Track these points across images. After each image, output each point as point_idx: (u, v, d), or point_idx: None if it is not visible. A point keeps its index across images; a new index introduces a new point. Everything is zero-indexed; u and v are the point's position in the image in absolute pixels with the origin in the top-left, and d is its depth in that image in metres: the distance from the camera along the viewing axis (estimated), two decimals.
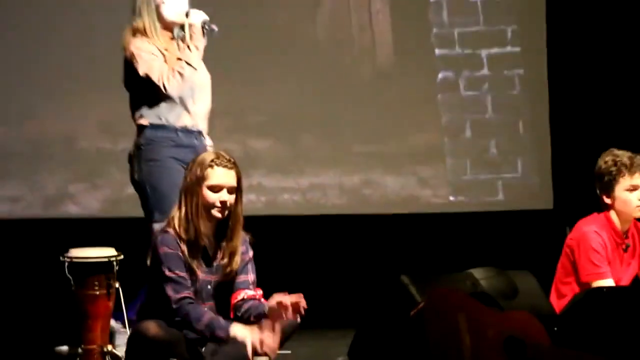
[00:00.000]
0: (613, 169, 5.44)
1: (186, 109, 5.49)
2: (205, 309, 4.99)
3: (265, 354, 4.85)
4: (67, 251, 5.43)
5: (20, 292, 6.78)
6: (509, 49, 7.58)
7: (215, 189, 5.03)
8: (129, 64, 5.47)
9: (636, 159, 5.45)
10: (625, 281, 5.48)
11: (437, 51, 7.51)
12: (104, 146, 7.20)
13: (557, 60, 7.53)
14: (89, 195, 7.15)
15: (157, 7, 5.49)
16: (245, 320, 5.00)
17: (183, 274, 5.01)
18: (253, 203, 7.11)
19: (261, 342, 4.82)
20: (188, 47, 5.45)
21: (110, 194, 7.18)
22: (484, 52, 7.56)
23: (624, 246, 5.51)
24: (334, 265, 6.99)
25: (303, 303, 4.77)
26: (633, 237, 5.56)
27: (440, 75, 7.52)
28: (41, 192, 7.11)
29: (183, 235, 5.02)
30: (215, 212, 5.05)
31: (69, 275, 5.38)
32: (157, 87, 5.41)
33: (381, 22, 7.46)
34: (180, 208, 5.05)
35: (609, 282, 5.32)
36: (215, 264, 5.10)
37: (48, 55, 7.11)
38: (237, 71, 7.19)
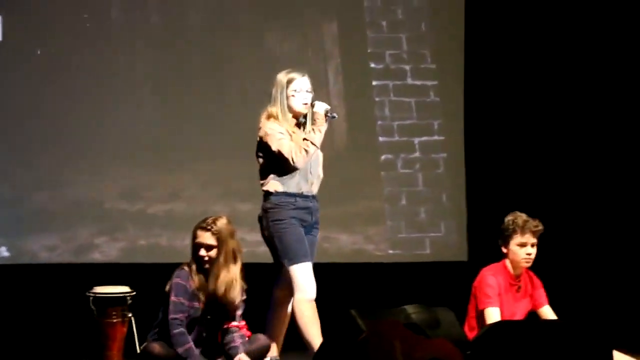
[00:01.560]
0: (510, 227, 5.51)
1: (304, 178, 5.36)
2: (189, 337, 5.01)
3: None
4: (91, 288, 5.40)
5: (54, 320, 6.70)
6: (435, 137, 7.59)
7: (198, 246, 5.08)
8: (262, 141, 5.31)
9: (528, 223, 5.50)
10: (519, 315, 5.51)
11: (380, 139, 7.52)
12: (123, 207, 7.12)
13: (472, 147, 7.58)
14: (110, 246, 7.06)
15: (288, 99, 5.35)
16: (223, 347, 5.10)
17: (184, 300, 5.02)
18: None
19: None
20: (313, 130, 5.32)
21: (126, 245, 7.09)
22: (416, 140, 7.57)
23: (516, 287, 5.54)
24: None
25: None
26: (525, 280, 5.58)
27: (382, 157, 7.53)
28: (73, 243, 7.01)
29: (194, 275, 5.05)
30: (201, 264, 5.09)
31: (92, 307, 5.35)
32: (285, 160, 5.24)
33: (338, 116, 7.48)
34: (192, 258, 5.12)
35: (496, 310, 5.38)
36: (211, 299, 5.11)
37: (78, 136, 7.06)
38: (226, 152, 7.19)
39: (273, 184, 5.34)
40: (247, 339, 5.17)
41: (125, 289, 5.38)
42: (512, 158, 7.52)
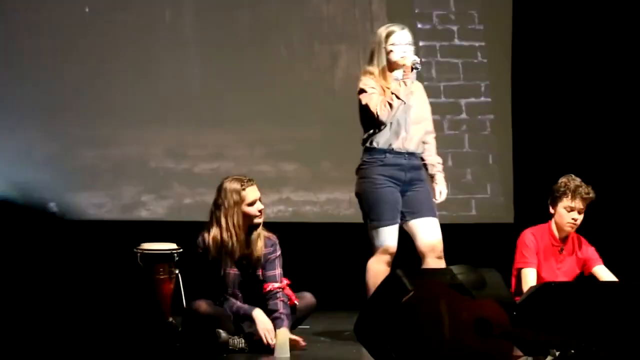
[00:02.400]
0: (562, 189, 5.46)
1: (395, 134, 5.28)
2: (234, 300, 5.02)
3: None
4: (139, 245, 5.42)
5: (103, 275, 6.75)
6: (482, 99, 7.55)
7: (253, 203, 5.02)
8: (358, 98, 5.29)
9: (581, 189, 5.44)
10: (562, 277, 5.46)
11: None
12: (168, 166, 7.16)
13: (519, 109, 7.53)
14: (157, 203, 7.11)
15: (387, 54, 5.27)
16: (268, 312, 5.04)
17: (215, 269, 5.04)
18: (282, 212, 7.09)
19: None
20: (399, 83, 5.22)
21: (172, 203, 7.14)
22: (463, 101, 7.53)
23: (559, 248, 5.49)
24: (344, 260, 6.94)
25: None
26: (570, 243, 5.53)
27: None
28: (120, 200, 7.08)
29: (213, 248, 5.03)
30: (257, 220, 5.05)
31: (140, 263, 5.37)
32: (372, 115, 5.20)
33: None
34: (214, 226, 5.05)
35: (531, 271, 5.39)
36: (243, 262, 5.09)
37: (125, 94, 7.08)
38: (273, 112, 7.20)
39: (366, 140, 5.31)
40: (289, 302, 5.14)
41: (171, 245, 5.40)
42: (560, 120, 7.45)
